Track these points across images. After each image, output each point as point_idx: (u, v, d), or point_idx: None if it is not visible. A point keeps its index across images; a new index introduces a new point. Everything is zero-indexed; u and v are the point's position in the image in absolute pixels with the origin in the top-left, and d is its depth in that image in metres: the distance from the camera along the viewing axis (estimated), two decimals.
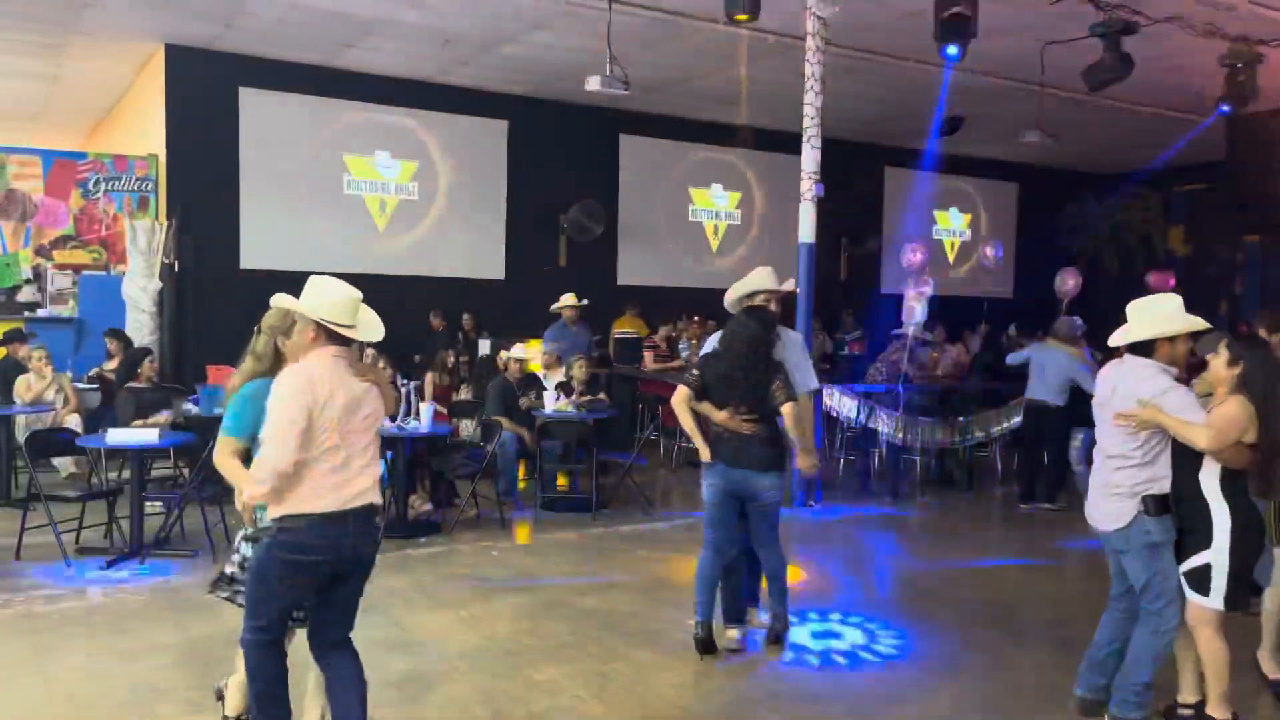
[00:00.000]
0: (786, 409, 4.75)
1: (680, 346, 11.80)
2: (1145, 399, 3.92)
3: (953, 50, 8.28)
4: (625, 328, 12.46)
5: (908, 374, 9.46)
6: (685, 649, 5.06)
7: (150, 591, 5.83)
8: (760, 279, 5.24)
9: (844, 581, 6.57)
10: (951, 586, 6.54)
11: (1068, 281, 11.90)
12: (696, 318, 12.08)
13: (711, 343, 5.17)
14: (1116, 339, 4.16)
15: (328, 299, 3.39)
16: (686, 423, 4.86)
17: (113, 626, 5.23)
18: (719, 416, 4.79)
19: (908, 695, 4.66)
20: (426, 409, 7.32)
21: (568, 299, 10.05)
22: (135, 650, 4.90)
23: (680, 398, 4.83)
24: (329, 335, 3.39)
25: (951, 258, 16.95)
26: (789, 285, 5.50)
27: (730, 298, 5.26)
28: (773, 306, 5.16)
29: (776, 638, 5.16)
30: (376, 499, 3.48)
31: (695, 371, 4.95)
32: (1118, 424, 4.00)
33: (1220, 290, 15.94)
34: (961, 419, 9.46)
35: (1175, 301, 4.09)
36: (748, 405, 4.76)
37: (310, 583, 3.39)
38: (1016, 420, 9.24)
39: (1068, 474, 8.79)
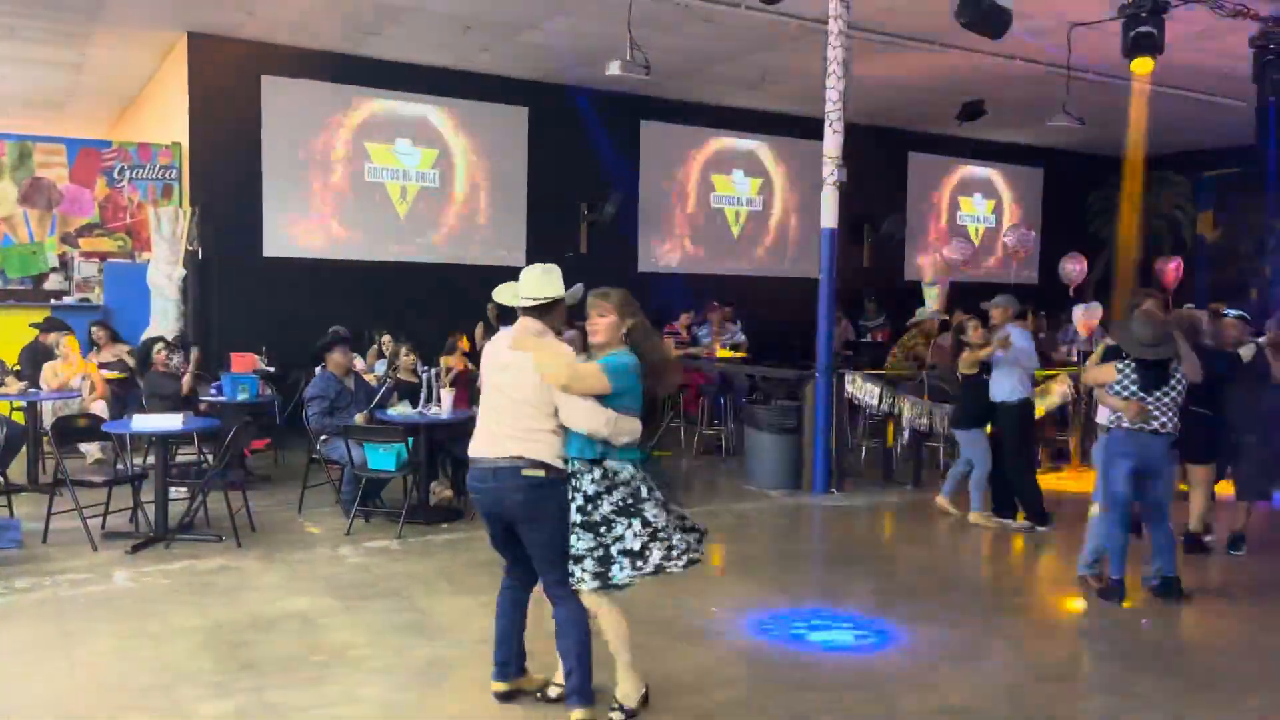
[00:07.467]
0: None
1: (701, 333, 11.77)
2: None
3: None
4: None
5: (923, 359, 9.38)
6: (699, 633, 5.05)
7: (175, 576, 5.89)
8: None
9: (865, 568, 6.54)
10: (972, 573, 6.49)
11: (1071, 266, 11.67)
12: (715, 303, 12.04)
13: None
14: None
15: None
16: None
17: (138, 610, 5.29)
18: None
19: (928, 681, 4.63)
20: (447, 396, 7.34)
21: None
22: (160, 634, 4.95)
23: None
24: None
25: (976, 244, 16.79)
26: None
27: None
28: None
29: None
30: (513, 451, 3.88)
31: None
32: None
33: (1250, 275, 15.70)
34: None
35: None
36: None
37: (487, 524, 4.07)
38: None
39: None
